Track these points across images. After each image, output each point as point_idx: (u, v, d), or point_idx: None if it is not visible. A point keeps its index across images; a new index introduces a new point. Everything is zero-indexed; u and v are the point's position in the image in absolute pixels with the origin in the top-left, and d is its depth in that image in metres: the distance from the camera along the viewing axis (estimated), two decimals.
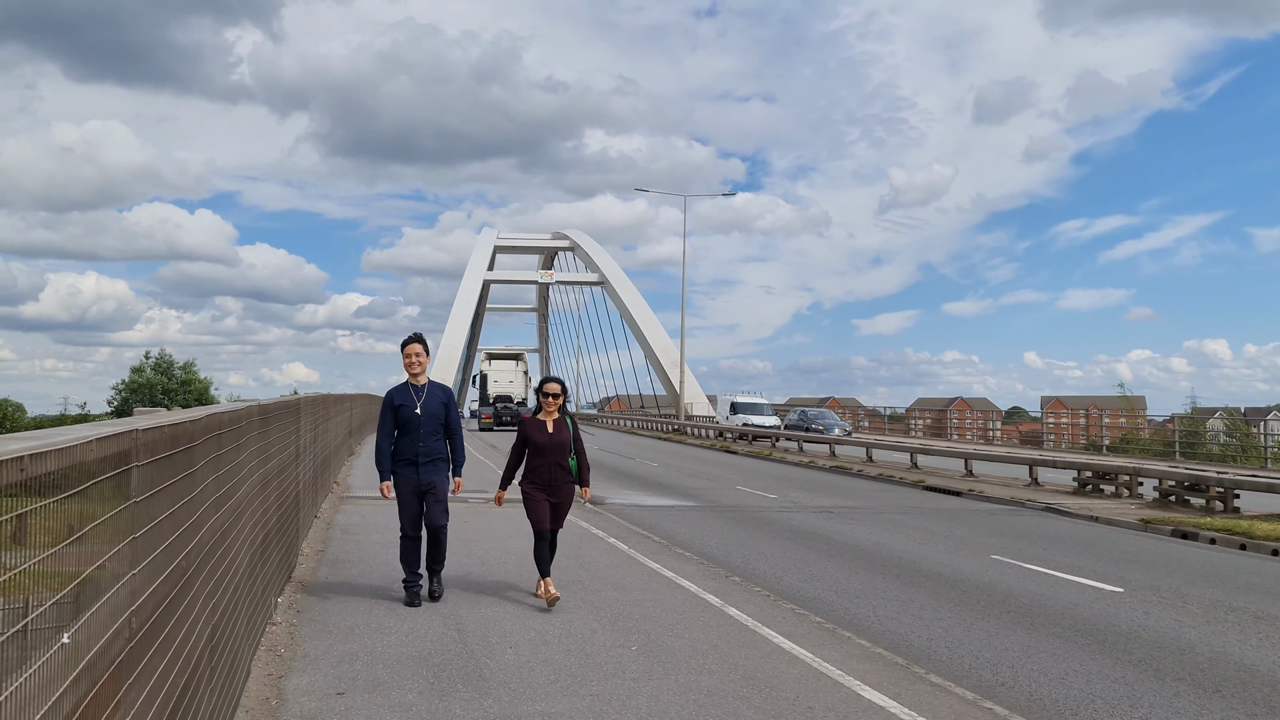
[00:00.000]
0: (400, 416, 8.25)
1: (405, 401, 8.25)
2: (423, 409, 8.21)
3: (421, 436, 8.20)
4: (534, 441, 8.33)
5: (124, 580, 2.74)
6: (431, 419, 8.24)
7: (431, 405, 8.26)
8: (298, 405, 10.17)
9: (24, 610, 2.08)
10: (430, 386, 8.37)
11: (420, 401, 8.22)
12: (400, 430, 8.28)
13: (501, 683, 6.06)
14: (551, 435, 8.32)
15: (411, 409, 8.21)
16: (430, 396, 8.29)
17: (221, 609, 4.67)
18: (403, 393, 8.31)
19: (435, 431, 8.28)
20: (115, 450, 2.65)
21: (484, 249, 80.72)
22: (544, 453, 8.29)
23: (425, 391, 8.30)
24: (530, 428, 8.44)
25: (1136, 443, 36.07)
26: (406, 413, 8.21)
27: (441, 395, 8.39)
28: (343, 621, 7.55)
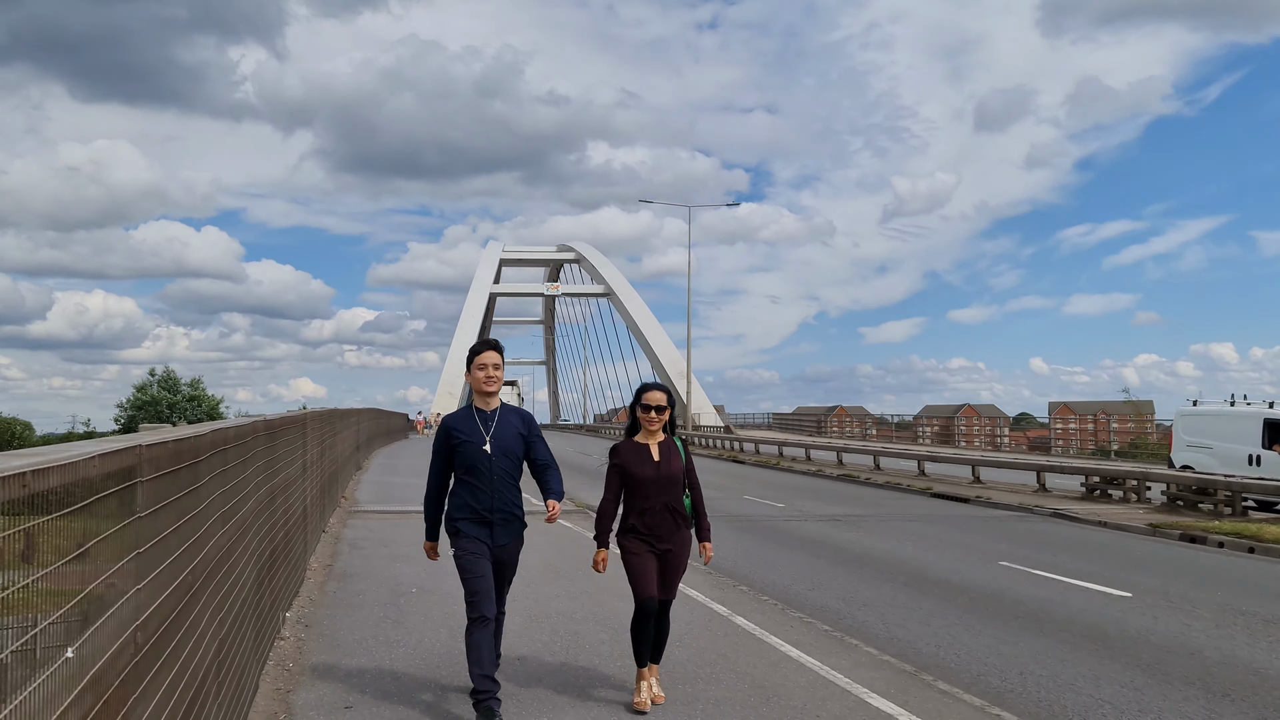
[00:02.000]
0: (462, 456, 5.70)
1: (468, 434, 5.69)
2: (494, 445, 5.67)
3: (494, 484, 5.67)
4: (635, 476, 5.91)
5: (129, 595, 2.76)
6: (507, 458, 5.71)
7: (506, 438, 5.71)
8: (304, 420, 10.20)
9: (31, 627, 2.10)
10: (504, 412, 5.83)
11: (490, 433, 5.69)
12: (463, 473, 5.72)
13: (509, 695, 6.06)
14: (659, 466, 5.93)
15: (477, 444, 5.66)
16: (504, 426, 5.75)
17: (228, 624, 4.69)
18: (465, 421, 5.77)
19: (511, 476, 5.76)
20: (119, 466, 2.67)
21: (490, 262, 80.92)
22: (650, 491, 5.90)
23: (496, 419, 5.77)
24: (629, 456, 5.97)
25: (1144, 447, 35.95)
26: (470, 450, 5.66)
27: (519, 423, 5.83)
28: (351, 636, 7.56)
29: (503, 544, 5.74)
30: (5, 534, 1.91)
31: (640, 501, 5.91)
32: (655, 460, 5.92)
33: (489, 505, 5.65)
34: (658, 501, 5.89)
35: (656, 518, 5.90)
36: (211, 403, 65.63)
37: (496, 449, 5.66)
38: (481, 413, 5.76)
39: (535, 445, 5.86)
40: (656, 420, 5.97)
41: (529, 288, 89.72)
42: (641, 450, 5.98)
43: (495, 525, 5.68)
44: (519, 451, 5.77)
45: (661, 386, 6.15)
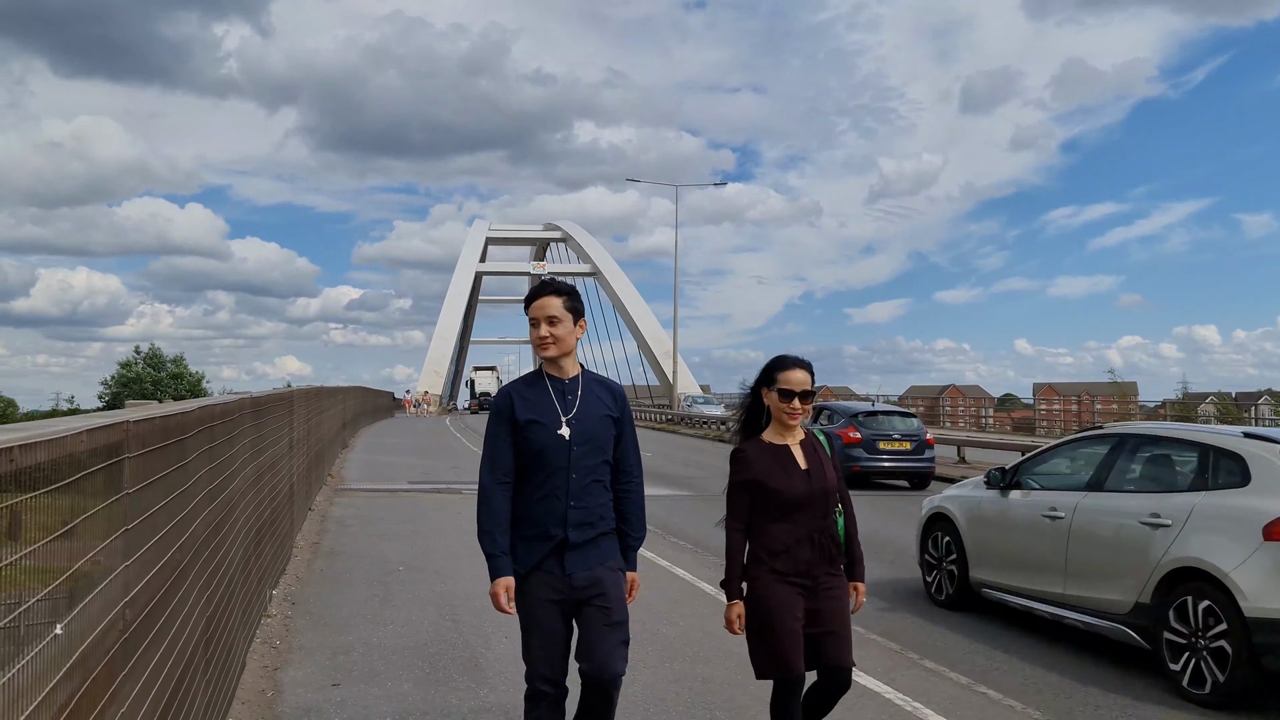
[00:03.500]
0: (528, 441, 3.89)
1: (536, 413, 3.91)
2: (575, 429, 3.90)
3: (570, 483, 3.88)
4: (776, 494, 4.04)
5: (117, 572, 2.73)
6: (591, 450, 3.92)
7: (590, 420, 3.93)
8: (291, 398, 10.16)
9: (17, 605, 2.07)
10: (588, 383, 4.02)
11: (571, 411, 3.91)
12: (528, 467, 3.91)
13: (498, 672, 6.06)
14: (810, 478, 4.07)
15: (550, 427, 3.89)
16: (589, 402, 3.97)
17: (216, 601, 4.66)
18: (531, 393, 3.96)
19: (596, 475, 3.95)
20: (106, 442, 2.64)
21: (476, 241, 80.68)
22: (797, 514, 4.05)
23: (579, 391, 3.97)
24: (762, 465, 4.09)
25: None
26: (539, 435, 3.88)
27: (608, 401, 4.01)
28: (338, 613, 7.54)
29: (589, 575, 3.82)
30: None
31: (781, 530, 4.00)
32: (803, 469, 4.05)
33: (560, 516, 3.80)
34: (807, 529, 4.02)
35: (805, 552, 4.01)
36: (194, 379, 65.40)
37: (579, 435, 3.83)
38: (556, 382, 3.90)
39: (625, 435, 4.00)
40: (798, 412, 4.05)
41: (515, 267, 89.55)
42: (780, 455, 4.07)
43: (569, 547, 3.80)
44: (606, 441, 3.91)
45: (804, 362, 4.13)
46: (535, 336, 3.91)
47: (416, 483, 17.51)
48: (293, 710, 5.34)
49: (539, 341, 3.90)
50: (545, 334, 3.88)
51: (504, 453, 3.88)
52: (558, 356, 3.91)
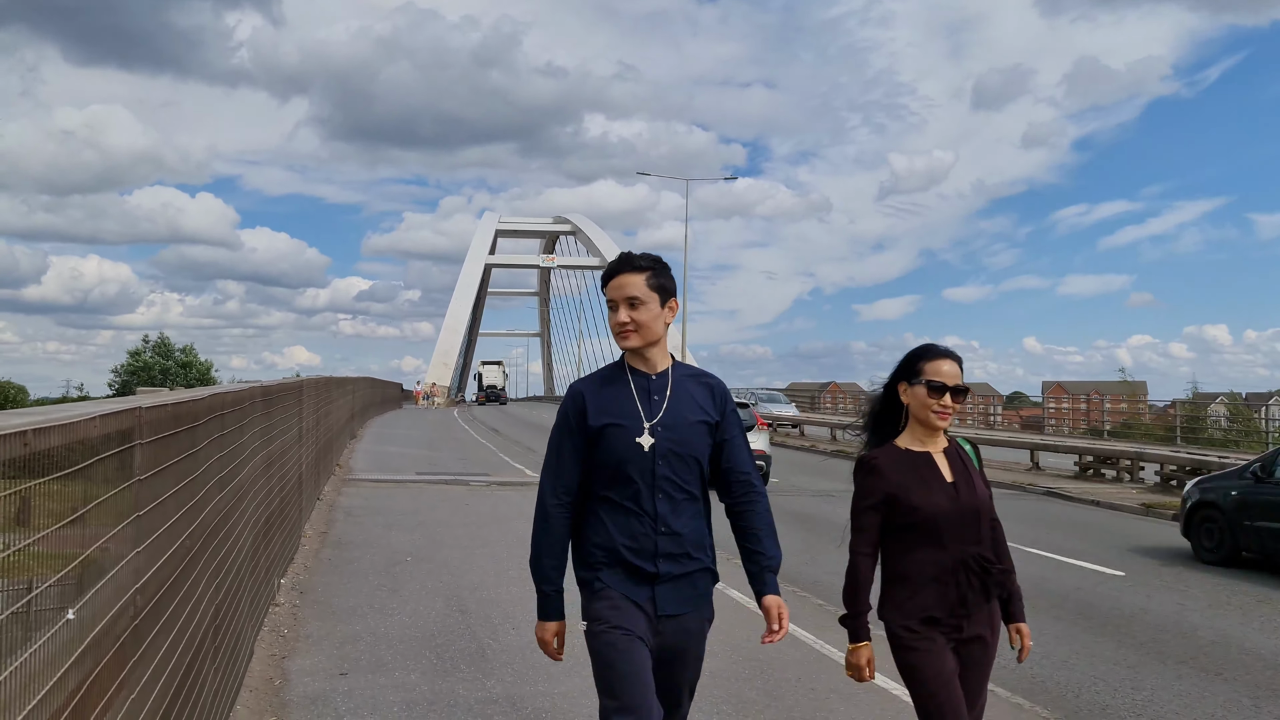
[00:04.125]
0: (604, 452, 3.18)
1: (613, 415, 3.19)
2: (661, 435, 3.17)
3: (657, 504, 3.16)
4: (919, 512, 3.27)
5: (128, 559, 2.73)
6: (682, 460, 3.19)
7: (681, 424, 3.19)
8: (300, 387, 10.17)
9: (28, 590, 2.07)
10: (679, 378, 3.27)
11: (658, 414, 3.18)
12: (604, 483, 3.19)
13: (505, 663, 6.07)
14: (958, 493, 3.32)
15: (630, 433, 3.17)
16: (679, 401, 3.23)
17: (225, 589, 4.67)
18: (608, 392, 3.24)
19: (689, 490, 3.21)
20: (118, 428, 2.64)
21: (485, 233, 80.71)
22: (945, 538, 3.28)
23: (668, 389, 3.23)
24: (900, 477, 3.32)
25: (1138, 428, 36.05)
26: (618, 442, 3.16)
27: (704, 399, 3.27)
28: (346, 602, 7.55)
29: (673, 614, 3.13)
30: (2, 495, 1.88)
31: (923, 559, 3.24)
32: (948, 481, 3.30)
33: (650, 544, 3.09)
34: (954, 556, 3.24)
35: (952, 587, 3.23)
36: (203, 368, 65.61)
37: (665, 442, 3.10)
38: (640, 377, 3.17)
39: (731, 439, 3.23)
40: (953, 409, 3.31)
41: (524, 259, 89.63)
42: (921, 465, 3.30)
43: (661, 580, 3.11)
44: (701, 451, 3.15)
45: (953, 353, 3.37)
46: (614, 322, 3.13)
47: (424, 473, 17.53)
48: (300, 699, 5.35)
49: (618, 329, 3.12)
50: (624, 319, 3.08)
51: (570, 465, 3.12)
52: (641, 347, 3.10)
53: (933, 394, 3.31)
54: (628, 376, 3.19)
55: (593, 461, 3.13)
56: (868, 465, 3.36)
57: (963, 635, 3.28)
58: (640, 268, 3.15)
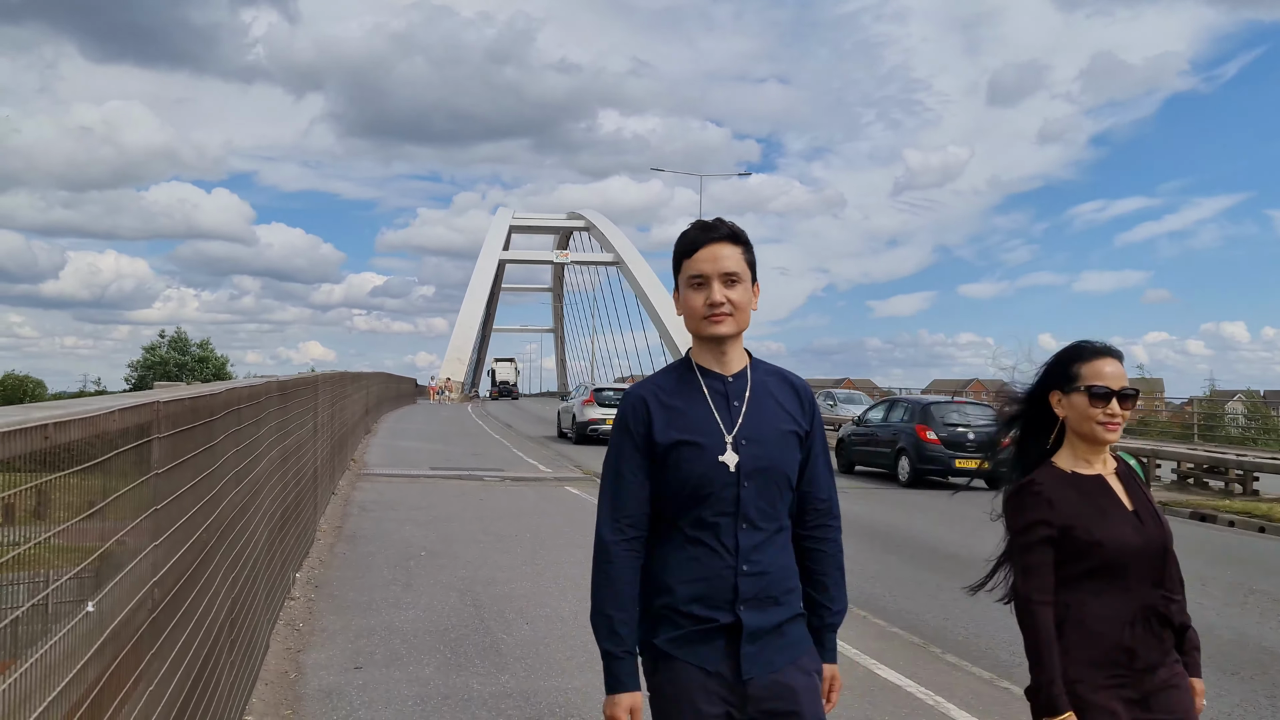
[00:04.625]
0: (676, 473, 2.46)
1: (686, 428, 2.47)
2: (745, 450, 2.46)
3: (740, 536, 2.45)
4: (1091, 545, 2.61)
5: (146, 552, 2.75)
6: (770, 481, 2.49)
7: (767, 435, 2.49)
8: (316, 382, 10.21)
9: (46, 583, 2.09)
10: (759, 378, 2.56)
11: (738, 424, 2.48)
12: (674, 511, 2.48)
13: (518, 658, 6.08)
14: (1143, 524, 2.67)
15: (709, 450, 2.45)
16: (764, 407, 2.52)
17: (241, 583, 4.69)
18: (678, 398, 2.52)
19: (777, 515, 2.52)
20: (137, 422, 2.65)
21: (499, 229, 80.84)
22: (1124, 578, 2.63)
23: (746, 392, 2.52)
24: (1072, 507, 2.64)
25: (1154, 425, 35.89)
26: (695, 463, 2.45)
27: (791, 403, 2.56)
28: (360, 597, 7.58)
29: (761, 678, 2.44)
30: (20, 489, 1.89)
31: (1105, 605, 2.63)
32: (1129, 509, 2.69)
33: (727, 588, 2.44)
34: (1140, 599, 2.64)
35: (1136, 634, 2.63)
36: (219, 363, 65.93)
37: (751, 460, 2.47)
38: (714, 379, 2.53)
39: (815, 458, 2.62)
40: (1122, 419, 2.70)
41: (538, 255, 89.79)
42: (1094, 491, 2.68)
43: (744, 636, 2.43)
44: (793, 464, 2.54)
45: (1114, 350, 2.75)
46: (700, 303, 2.45)
47: (438, 468, 17.58)
48: (315, 692, 5.38)
49: (709, 313, 2.44)
50: (719, 299, 2.42)
51: (634, 490, 2.46)
52: (733, 335, 2.48)
53: (1096, 402, 2.66)
54: (698, 379, 2.51)
55: (660, 484, 2.48)
56: (1031, 492, 2.68)
57: (1138, 697, 2.60)
58: (739, 238, 2.50)
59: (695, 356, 2.56)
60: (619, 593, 2.45)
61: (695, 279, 2.46)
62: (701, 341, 2.53)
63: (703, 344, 2.53)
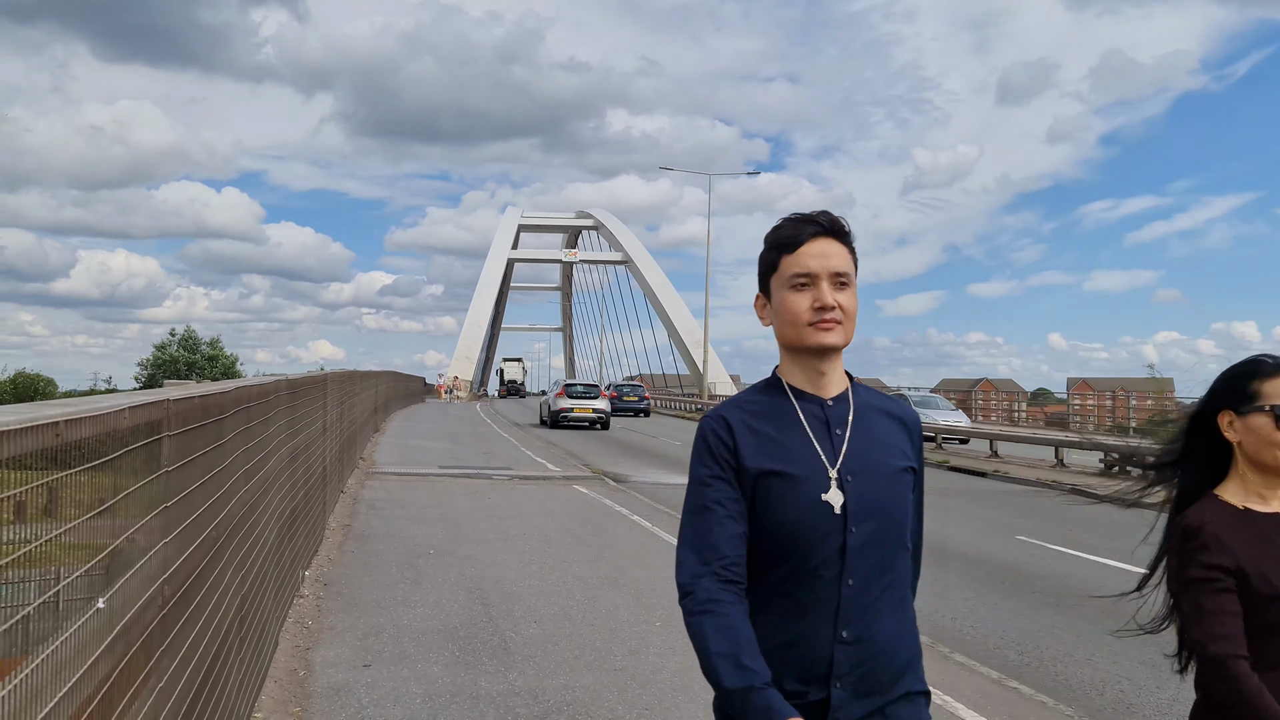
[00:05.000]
0: (768, 512, 1.99)
1: (779, 457, 2.01)
2: (852, 487, 1.99)
3: (844, 594, 1.96)
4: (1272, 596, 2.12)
5: (156, 549, 2.76)
6: (881, 526, 2.00)
7: (878, 471, 2.03)
8: (325, 381, 10.24)
9: (57, 579, 2.10)
10: (863, 402, 2.10)
11: (839, 455, 2.01)
12: (760, 560, 2.00)
13: (526, 656, 6.09)
14: None
15: (808, 486, 1.98)
16: (870, 435, 2.07)
17: (250, 580, 4.71)
18: (768, 422, 2.05)
19: (889, 568, 2.01)
20: (147, 419, 2.67)
21: (508, 228, 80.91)
22: None
23: (849, 418, 2.06)
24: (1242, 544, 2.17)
25: (1165, 425, 35.78)
26: (790, 501, 1.98)
27: (896, 434, 2.11)
28: (369, 595, 7.60)
29: None
30: (31, 485, 1.90)
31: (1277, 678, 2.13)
32: None
33: (821, 659, 1.97)
34: None
35: None
36: (228, 361, 66.11)
37: (859, 499, 2.01)
38: (810, 402, 2.09)
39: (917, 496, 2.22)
40: None
41: (547, 254, 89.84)
42: (1274, 532, 2.23)
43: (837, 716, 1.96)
44: (905, 505, 2.10)
45: None
46: (804, 308, 2.02)
47: (447, 467, 17.61)
48: (324, 689, 5.40)
49: (818, 318, 2.01)
50: (830, 302, 2.00)
51: (728, 526, 1.98)
52: (839, 349, 2.05)
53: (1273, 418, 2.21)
54: (791, 401, 2.06)
55: (757, 527, 2.00)
56: (1196, 532, 2.25)
57: None
58: (847, 234, 2.09)
59: (785, 375, 2.11)
60: (731, 628, 1.88)
61: (799, 278, 2.03)
62: (796, 355, 2.08)
63: (798, 358, 2.08)
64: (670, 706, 5.36)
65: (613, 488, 15.74)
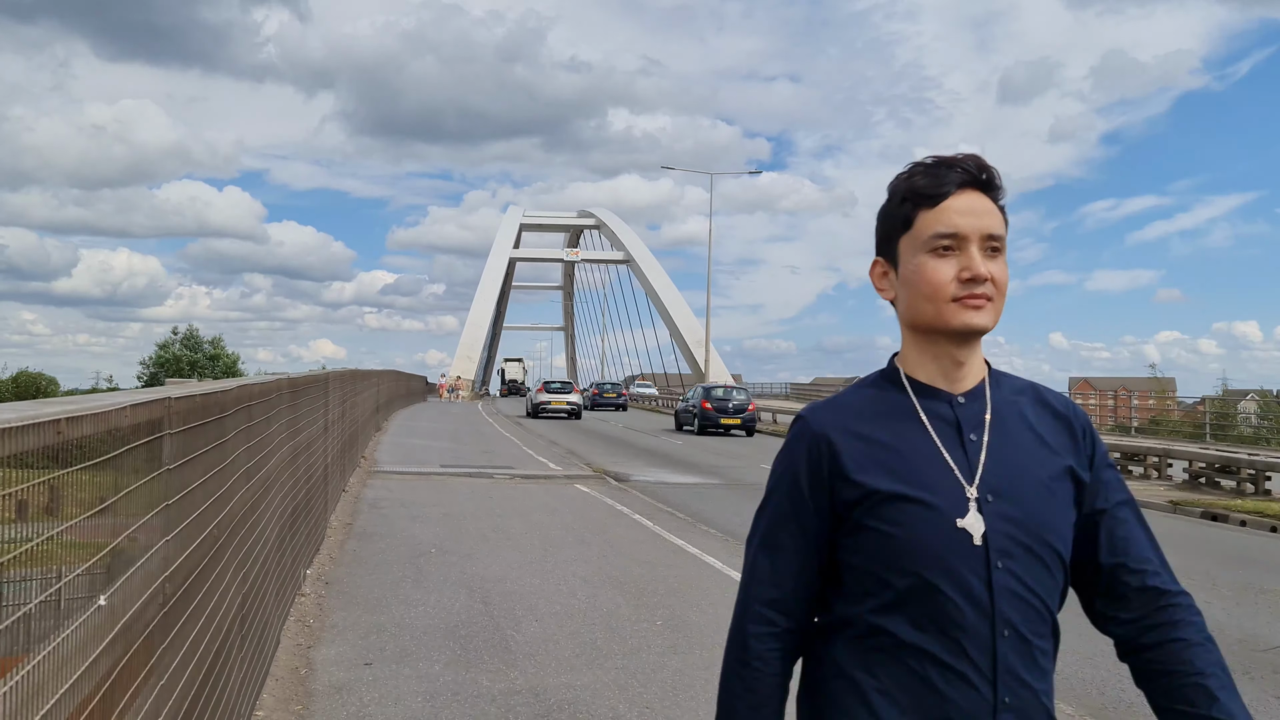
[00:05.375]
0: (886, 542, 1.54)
1: (903, 470, 1.56)
2: (994, 509, 1.54)
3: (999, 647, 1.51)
4: None
5: (157, 547, 2.77)
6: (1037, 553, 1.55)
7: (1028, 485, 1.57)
8: (326, 379, 10.24)
9: (59, 578, 2.10)
10: (1004, 398, 1.63)
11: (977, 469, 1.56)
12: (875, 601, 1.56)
13: (527, 655, 6.10)
14: None
15: (942, 508, 1.53)
16: (1014, 437, 1.60)
17: (252, 579, 4.72)
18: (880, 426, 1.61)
19: (1047, 609, 1.58)
20: (149, 418, 2.67)
21: (510, 227, 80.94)
22: None
23: (986, 415, 1.61)
24: None
25: (1166, 424, 35.72)
26: (919, 528, 1.52)
27: (1053, 430, 1.63)
28: (370, 594, 7.61)
29: None
30: (32, 483, 1.91)
31: None
32: None
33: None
34: None
35: None
36: (230, 360, 66.14)
37: (1004, 524, 1.55)
38: (935, 398, 1.63)
39: (1113, 509, 1.65)
40: None
41: (549, 253, 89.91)
42: None
43: None
44: (1065, 528, 1.60)
45: None
46: (948, 278, 1.59)
47: (448, 466, 17.62)
48: (325, 688, 5.40)
49: (966, 291, 1.58)
50: (981, 273, 1.58)
51: (796, 565, 1.64)
52: (989, 330, 1.61)
53: None
54: (910, 399, 1.63)
55: (853, 563, 1.58)
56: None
57: None
58: (998, 187, 1.63)
59: (908, 365, 1.66)
60: (760, 707, 1.62)
61: (943, 239, 1.57)
62: (928, 340, 1.62)
63: (930, 343, 1.62)
64: (671, 705, 5.37)
65: (614, 487, 15.74)
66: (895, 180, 1.66)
